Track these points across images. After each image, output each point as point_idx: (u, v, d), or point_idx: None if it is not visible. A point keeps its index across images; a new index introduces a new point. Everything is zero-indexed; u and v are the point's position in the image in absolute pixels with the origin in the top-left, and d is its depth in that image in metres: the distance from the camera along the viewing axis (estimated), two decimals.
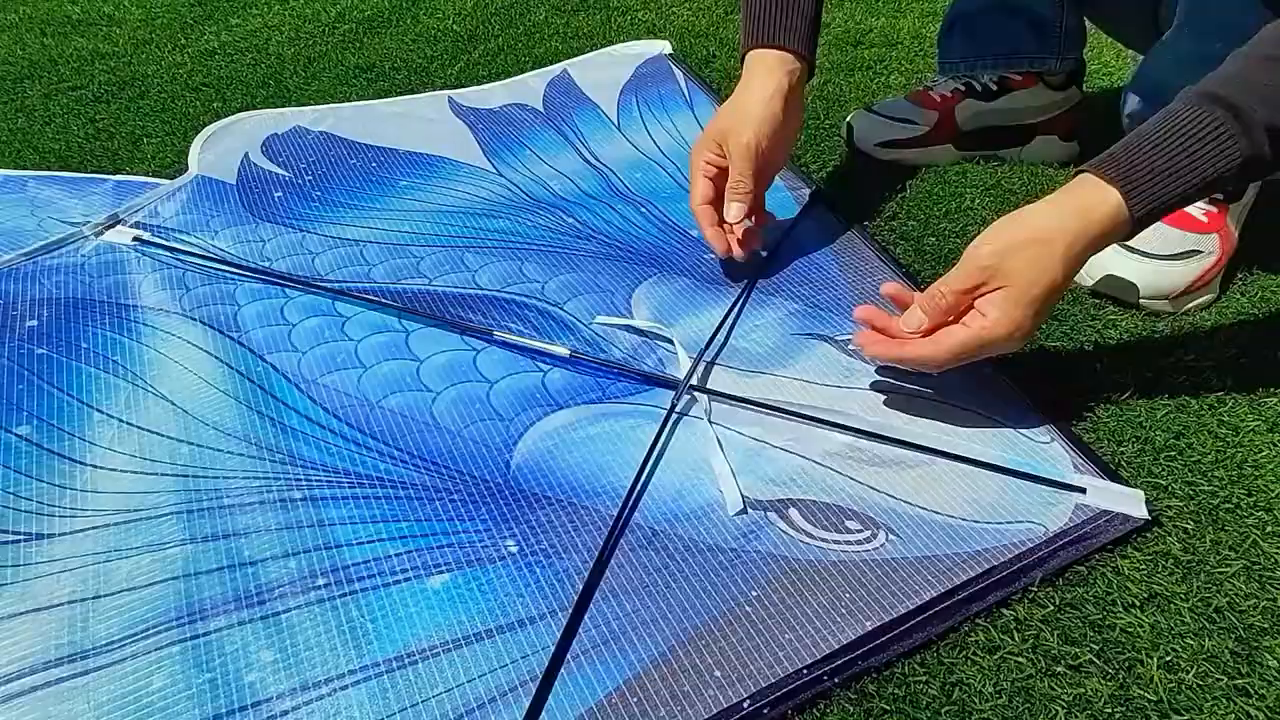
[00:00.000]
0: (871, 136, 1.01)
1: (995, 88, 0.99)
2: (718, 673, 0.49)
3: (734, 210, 0.75)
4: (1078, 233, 0.58)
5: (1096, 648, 0.51)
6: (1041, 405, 0.67)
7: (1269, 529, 0.58)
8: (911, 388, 0.68)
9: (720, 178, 0.77)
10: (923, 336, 0.62)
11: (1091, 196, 0.58)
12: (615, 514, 0.58)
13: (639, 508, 0.59)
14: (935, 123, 0.99)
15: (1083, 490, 0.59)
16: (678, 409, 0.66)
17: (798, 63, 0.76)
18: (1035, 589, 0.54)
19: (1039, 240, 0.58)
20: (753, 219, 0.79)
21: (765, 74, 0.75)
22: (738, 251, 0.78)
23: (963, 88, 0.99)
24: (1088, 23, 0.98)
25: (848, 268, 0.83)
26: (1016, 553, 0.55)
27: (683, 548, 0.56)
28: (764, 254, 0.82)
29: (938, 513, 0.58)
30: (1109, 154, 0.59)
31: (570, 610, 0.52)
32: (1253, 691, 0.49)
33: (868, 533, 0.57)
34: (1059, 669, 0.50)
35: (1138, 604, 0.53)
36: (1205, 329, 0.75)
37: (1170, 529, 0.58)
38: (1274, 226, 0.87)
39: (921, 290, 0.64)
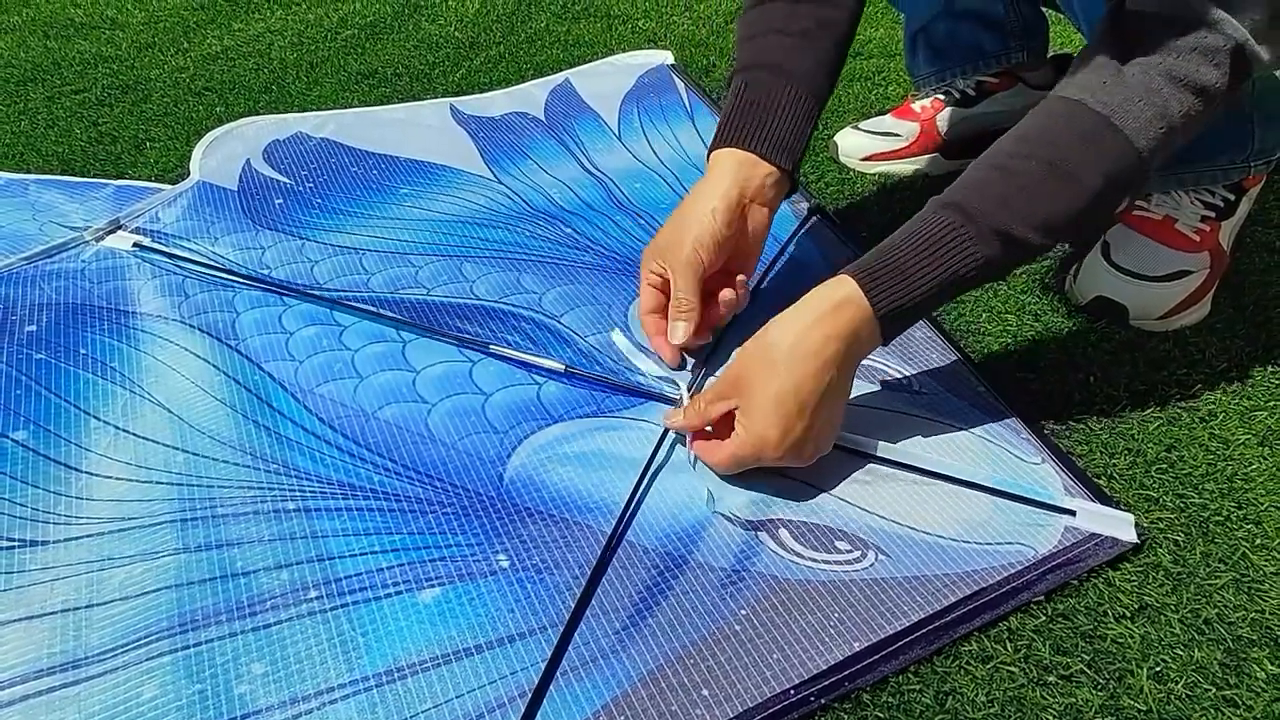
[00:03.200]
0: (856, 152, 1.02)
1: (974, 93, 0.99)
2: (705, 691, 0.49)
3: (679, 331, 0.69)
4: (808, 325, 0.58)
5: (1087, 658, 0.52)
6: (1034, 418, 0.68)
7: (1258, 541, 0.58)
8: (904, 407, 0.68)
9: (666, 288, 0.71)
10: (694, 438, 0.64)
11: (830, 290, 0.59)
12: (607, 531, 0.58)
13: (631, 524, 0.59)
14: (917, 134, 1.00)
15: (1073, 513, 0.59)
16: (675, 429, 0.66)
17: (765, 167, 0.69)
18: None
19: (766, 348, 0.59)
20: (705, 336, 0.72)
21: (716, 180, 0.70)
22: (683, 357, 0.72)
23: (942, 97, 1.00)
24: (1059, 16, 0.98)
25: None
26: (1005, 575, 0.55)
27: (673, 565, 0.57)
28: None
29: (927, 533, 0.58)
30: (859, 259, 0.61)
31: (560, 627, 0.53)
32: (1240, 702, 0.50)
33: (857, 553, 0.57)
34: (1050, 679, 0.51)
35: (1128, 615, 0.54)
36: (1197, 343, 0.75)
37: (1161, 541, 0.59)
38: (1265, 241, 0.87)
39: None
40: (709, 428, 0.63)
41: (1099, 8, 0.71)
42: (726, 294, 0.72)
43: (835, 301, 0.58)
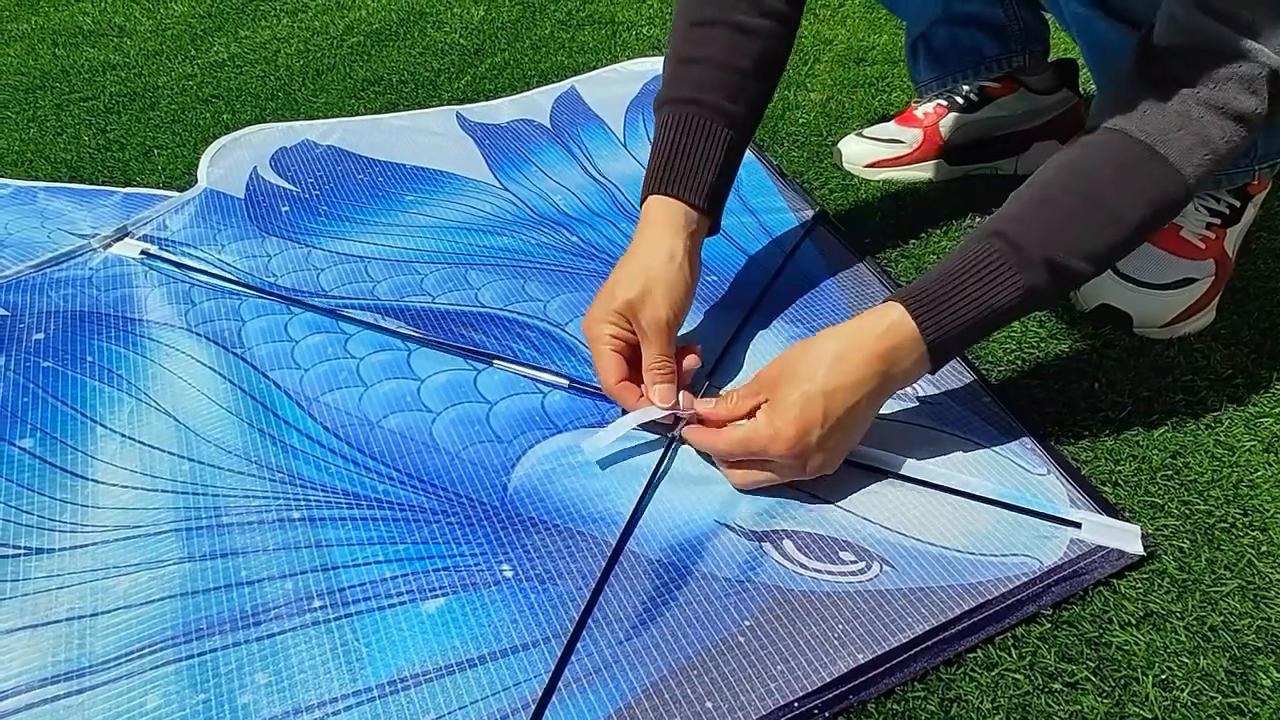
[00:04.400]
0: (859, 159, 1.02)
1: (976, 98, 0.99)
2: (709, 703, 0.49)
3: (662, 393, 0.65)
4: (851, 344, 0.58)
5: (1093, 665, 0.52)
6: (1039, 425, 0.68)
7: (1264, 548, 0.58)
8: (909, 417, 0.68)
9: (630, 351, 0.67)
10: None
11: (876, 313, 0.60)
12: (611, 541, 0.58)
13: (634, 535, 0.59)
14: (921, 140, 1.00)
15: (1078, 525, 0.59)
16: (678, 435, 0.66)
17: (704, 221, 0.69)
18: None
19: (808, 354, 0.59)
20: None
21: (667, 230, 0.67)
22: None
23: (944, 103, 1.00)
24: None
25: (848, 290, 0.83)
26: (1010, 587, 0.55)
27: (677, 576, 0.57)
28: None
29: (932, 544, 0.58)
30: (906, 287, 0.61)
31: (564, 637, 0.52)
32: (1246, 710, 0.50)
33: (862, 564, 0.57)
34: (1056, 686, 0.51)
35: (1134, 622, 0.54)
36: (1202, 349, 0.75)
37: (1166, 548, 0.58)
38: (1271, 247, 0.87)
39: None
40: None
41: (1093, 25, 0.71)
42: (691, 360, 0.69)
43: (883, 328, 0.59)
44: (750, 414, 0.60)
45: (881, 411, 0.68)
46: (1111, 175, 0.59)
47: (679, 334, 0.68)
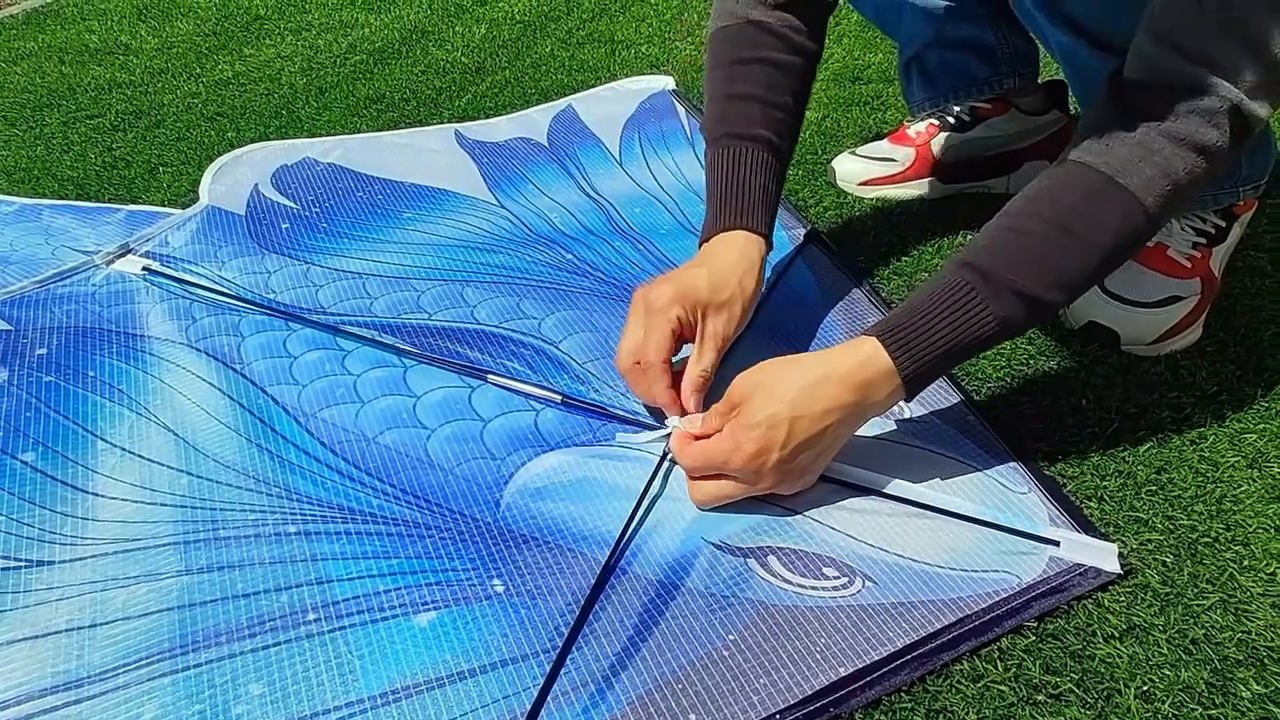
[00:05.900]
0: (853, 177, 1.03)
1: (968, 118, 1.01)
2: (693, 716, 0.50)
3: (696, 401, 0.68)
4: (825, 373, 0.60)
5: (1076, 677, 0.52)
6: (1026, 441, 0.68)
7: (1246, 563, 0.59)
8: (893, 437, 0.69)
9: (680, 336, 0.69)
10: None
11: (851, 346, 0.61)
12: (600, 558, 0.59)
13: (623, 552, 0.60)
14: (913, 159, 1.01)
15: (1057, 543, 0.60)
16: (668, 454, 0.67)
17: (764, 249, 0.73)
18: None
19: (782, 376, 0.60)
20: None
21: (753, 258, 0.71)
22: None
23: (937, 123, 1.02)
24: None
25: (838, 309, 0.84)
26: (990, 602, 0.56)
27: (664, 591, 0.57)
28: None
29: (914, 560, 0.59)
30: (882, 320, 0.63)
31: (553, 651, 0.53)
32: None
33: (845, 579, 0.58)
34: (1040, 698, 0.52)
35: (1117, 635, 0.55)
36: (1189, 366, 0.76)
37: (1150, 562, 0.59)
38: (1256, 265, 0.88)
39: None
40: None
41: (1077, 53, 0.72)
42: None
43: (858, 361, 0.60)
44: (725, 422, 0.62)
45: (866, 430, 0.69)
46: (1076, 205, 0.61)
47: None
